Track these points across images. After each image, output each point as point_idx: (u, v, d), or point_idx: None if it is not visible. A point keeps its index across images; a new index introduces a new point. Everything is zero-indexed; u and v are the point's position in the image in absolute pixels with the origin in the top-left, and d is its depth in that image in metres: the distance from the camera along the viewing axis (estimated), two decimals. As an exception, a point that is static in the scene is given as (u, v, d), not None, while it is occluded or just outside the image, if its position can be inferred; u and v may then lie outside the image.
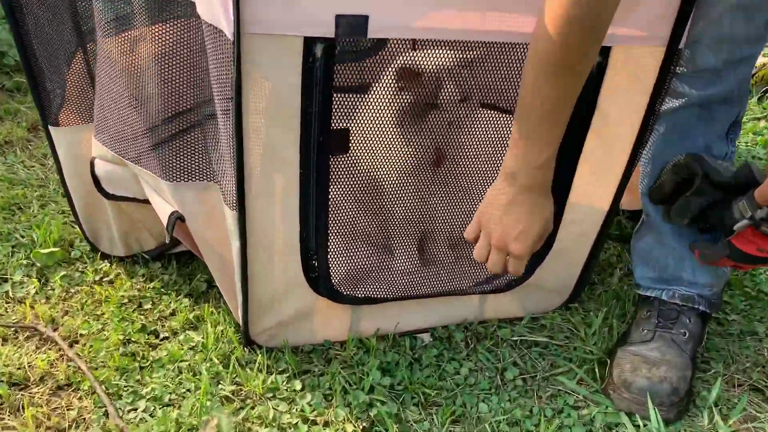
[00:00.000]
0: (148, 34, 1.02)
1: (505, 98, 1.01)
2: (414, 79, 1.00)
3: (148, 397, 1.06)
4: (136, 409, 1.04)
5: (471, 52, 0.96)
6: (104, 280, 1.36)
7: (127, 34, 1.07)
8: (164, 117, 1.05)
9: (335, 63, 0.87)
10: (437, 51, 0.94)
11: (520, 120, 0.85)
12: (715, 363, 1.16)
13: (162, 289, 1.32)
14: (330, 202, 0.99)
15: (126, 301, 1.28)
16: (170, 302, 1.28)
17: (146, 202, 1.18)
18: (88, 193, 1.30)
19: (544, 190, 0.90)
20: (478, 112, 1.05)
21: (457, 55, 0.97)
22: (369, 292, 1.11)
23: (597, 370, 1.13)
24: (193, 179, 1.04)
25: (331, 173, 0.96)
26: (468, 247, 1.03)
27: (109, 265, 1.40)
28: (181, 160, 1.04)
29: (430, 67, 0.99)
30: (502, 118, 1.03)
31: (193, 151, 1.03)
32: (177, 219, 1.06)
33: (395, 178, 1.06)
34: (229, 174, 0.95)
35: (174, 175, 1.04)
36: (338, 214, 1.02)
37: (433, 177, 1.10)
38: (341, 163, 0.98)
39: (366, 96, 0.99)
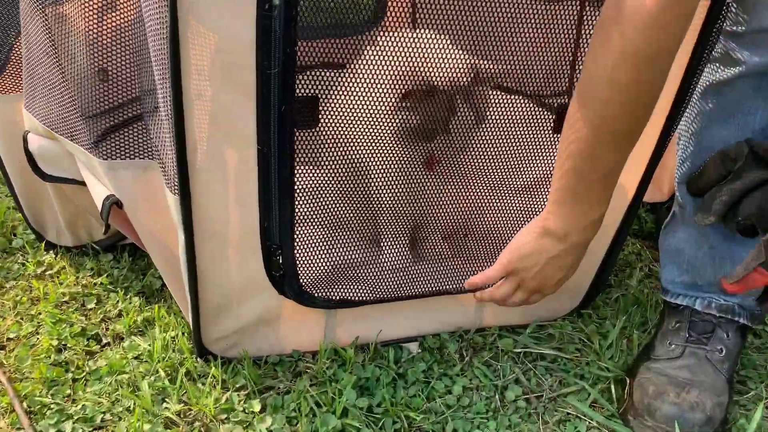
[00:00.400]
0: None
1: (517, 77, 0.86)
2: (423, 100, 0.83)
3: (76, 417, 0.88)
4: (60, 433, 0.86)
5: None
6: (46, 273, 1.18)
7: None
8: (99, 86, 0.87)
9: (299, 11, 0.69)
10: (448, 58, 0.79)
11: (569, 181, 0.80)
12: (753, 383, 0.98)
13: (110, 286, 1.14)
14: (297, 187, 0.81)
15: (67, 299, 1.11)
16: (118, 301, 1.10)
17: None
18: (28, 174, 1.12)
19: (590, 241, 0.87)
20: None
21: (473, 64, 0.81)
22: (346, 293, 0.93)
23: (614, 390, 0.95)
24: (131, 157, 0.86)
25: (297, 151, 0.78)
26: (466, 242, 0.86)
27: (54, 256, 1.22)
28: (117, 135, 0.86)
29: (443, 82, 0.82)
30: (509, 100, 0.86)
31: (129, 123, 0.85)
32: (113, 204, 0.88)
33: (379, 160, 0.88)
34: (170, 150, 0.77)
35: (108, 151, 0.86)
36: (307, 200, 0.84)
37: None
38: (309, 139, 0.80)
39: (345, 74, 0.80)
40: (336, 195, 0.87)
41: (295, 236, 0.86)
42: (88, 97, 0.88)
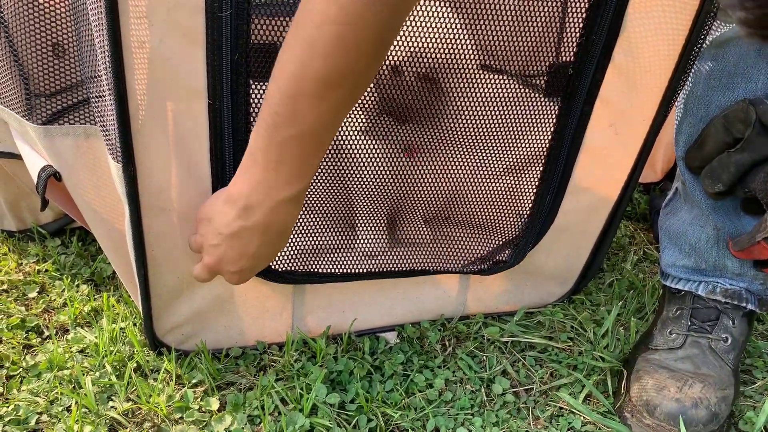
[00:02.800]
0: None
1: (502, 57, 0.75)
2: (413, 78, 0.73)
3: (8, 418, 0.77)
4: (-12, 436, 0.75)
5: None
6: (-15, 260, 1.07)
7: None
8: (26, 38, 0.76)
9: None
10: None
11: (258, 134, 0.63)
12: (759, 373, 0.91)
13: (56, 273, 1.03)
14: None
15: (5, 287, 0.99)
16: (63, 290, 0.99)
17: (26, 158, 0.89)
18: (-39, 149, 1.01)
19: (283, 227, 0.69)
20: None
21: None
22: (313, 266, 0.83)
23: (609, 383, 0.87)
24: (70, 122, 0.75)
25: (252, 106, 0.68)
26: (446, 225, 0.77)
27: (-6, 242, 1.11)
28: (53, 98, 0.75)
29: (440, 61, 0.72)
30: (495, 80, 0.77)
31: (78, 82, 0.74)
32: (50, 176, 0.77)
33: (352, 138, 0.78)
34: (110, 110, 0.66)
35: (43, 115, 0.75)
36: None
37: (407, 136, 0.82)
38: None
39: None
40: None
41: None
42: (40, 74, 0.76)
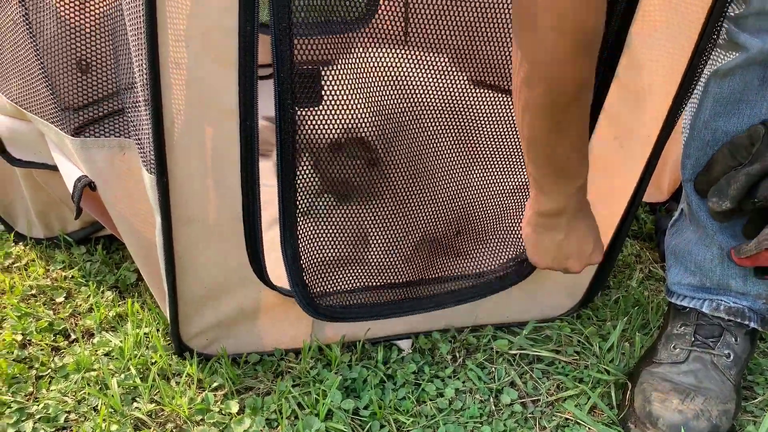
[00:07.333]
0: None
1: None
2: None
3: (38, 416, 0.81)
4: (19, 433, 0.79)
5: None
6: (14, 265, 1.11)
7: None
8: (69, 56, 0.81)
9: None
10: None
11: (537, 163, 0.75)
12: (760, 389, 0.93)
13: (82, 279, 1.07)
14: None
15: (34, 292, 1.04)
16: (89, 295, 1.03)
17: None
18: (-6, 160, 1.06)
19: (587, 205, 0.81)
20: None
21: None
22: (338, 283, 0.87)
23: (614, 395, 0.90)
24: (105, 134, 0.80)
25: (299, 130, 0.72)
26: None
27: (23, 248, 1.15)
28: (91, 111, 0.79)
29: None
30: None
31: (104, 97, 0.79)
32: (85, 186, 0.82)
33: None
34: (146, 124, 0.71)
35: (81, 128, 0.80)
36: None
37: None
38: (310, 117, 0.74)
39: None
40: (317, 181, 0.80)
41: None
42: (67, 89, 0.81)
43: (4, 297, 1.02)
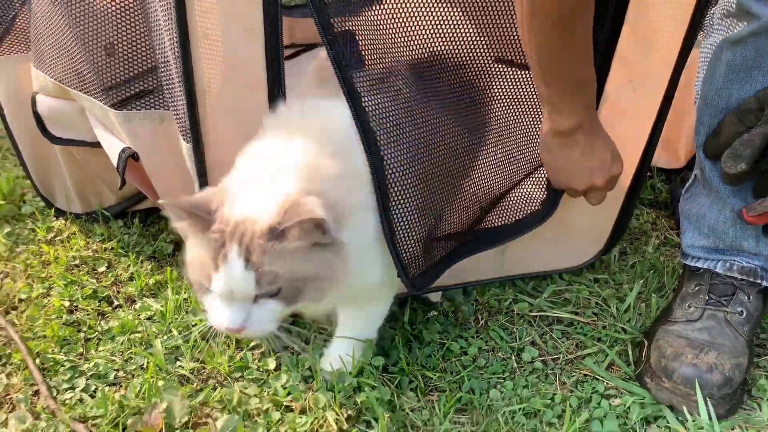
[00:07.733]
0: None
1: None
2: None
3: (89, 374, 0.87)
4: (73, 388, 0.85)
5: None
6: (56, 239, 1.17)
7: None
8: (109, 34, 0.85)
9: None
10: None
11: (546, 80, 0.80)
12: (772, 347, 0.97)
13: (121, 251, 1.13)
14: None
15: (77, 262, 1.10)
16: (129, 265, 1.09)
17: (98, 145, 0.99)
18: (36, 139, 1.11)
19: (599, 122, 0.86)
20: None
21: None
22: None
23: (631, 353, 0.94)
24: (147, 107, 0.85)
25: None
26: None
27: (63, 222, 1.21)
28: (132, 83, 0.84)
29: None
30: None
31: (145, 72, 0.83)
32: (129, 157, 0.87)
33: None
34: (179, 95, 0.75)
35: (123, 101, 0.85)
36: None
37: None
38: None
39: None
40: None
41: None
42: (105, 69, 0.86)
43: (50, 267, 1.08)
